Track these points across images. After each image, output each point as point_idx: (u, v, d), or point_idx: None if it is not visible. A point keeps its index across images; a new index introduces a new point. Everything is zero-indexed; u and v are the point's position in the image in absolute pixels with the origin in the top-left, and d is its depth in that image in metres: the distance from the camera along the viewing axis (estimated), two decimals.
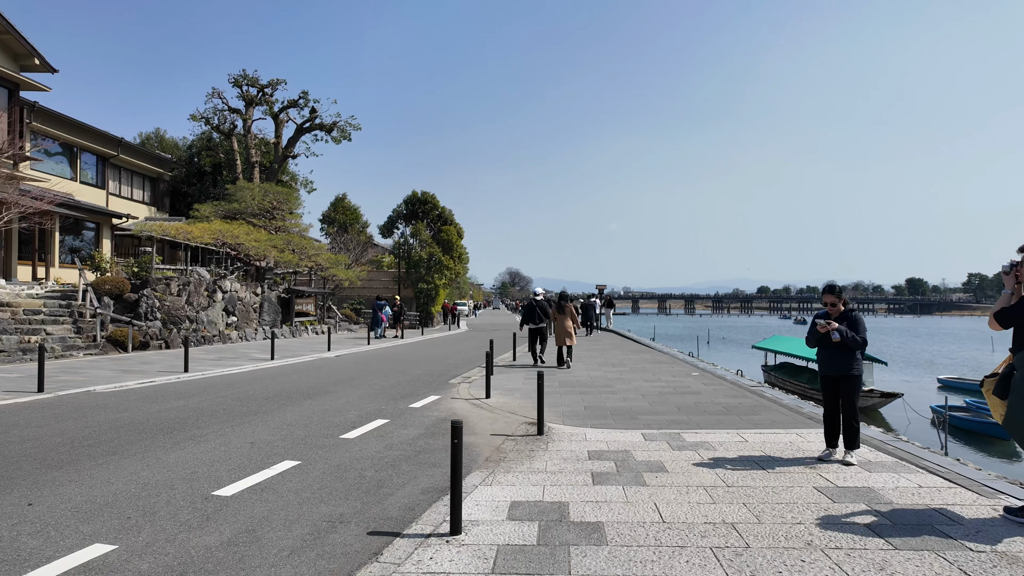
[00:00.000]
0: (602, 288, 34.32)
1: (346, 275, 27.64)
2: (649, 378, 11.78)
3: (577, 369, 13.31)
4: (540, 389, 7.03)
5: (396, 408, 8.57)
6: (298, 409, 8.38)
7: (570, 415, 8.11)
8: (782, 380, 22.24)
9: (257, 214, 27.01)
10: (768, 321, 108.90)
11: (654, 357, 16.27)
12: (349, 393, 9.86)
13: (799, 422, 7.60)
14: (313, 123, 33.55)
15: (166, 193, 32.41)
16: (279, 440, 6.53)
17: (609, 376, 12.11)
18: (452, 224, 36.33)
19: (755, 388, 10.42)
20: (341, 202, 38.99)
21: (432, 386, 10.87)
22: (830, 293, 5.78)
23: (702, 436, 6.81)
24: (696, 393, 9.91)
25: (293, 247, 25.93)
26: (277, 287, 25.37)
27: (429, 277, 34.92)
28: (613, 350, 18.68)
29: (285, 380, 11.35)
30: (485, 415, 8.15)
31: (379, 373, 12.68)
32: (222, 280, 21.33)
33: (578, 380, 11.48)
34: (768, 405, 8.79)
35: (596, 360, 15.34)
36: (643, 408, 8.56)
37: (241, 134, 33.60)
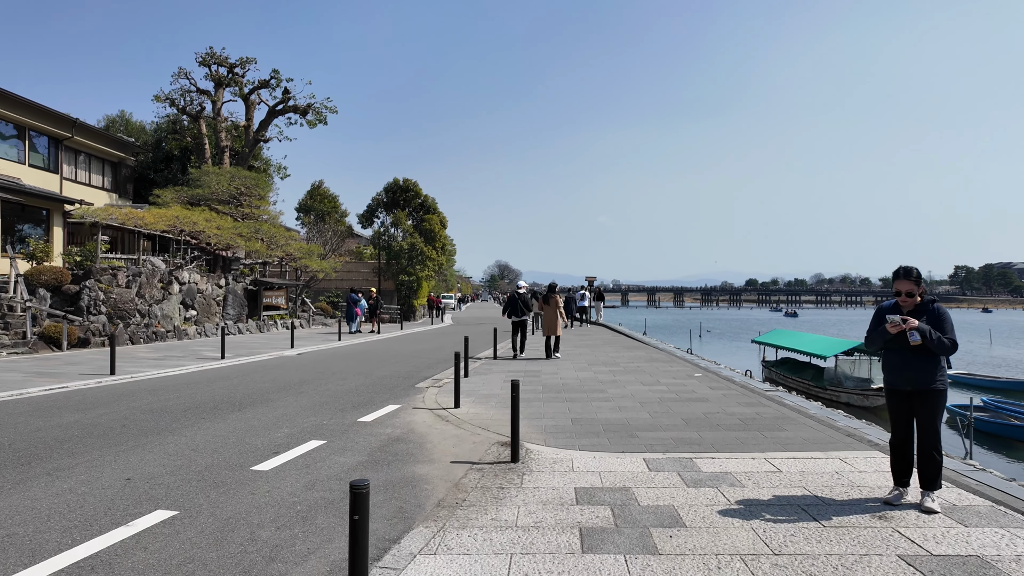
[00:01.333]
0: (591, 280, 32.82)
1: (320, 266, 25.89)
2: (646, 380, 10.29)
3: (565, 369, 11.80)
4: (515, 401, 5.49)
5: (341, 423, 6.99)
6: (217, 426, 6.78)
7: (554, 431, 6.58)
8: (784, 377, 20.88)
9: (223, 200, 25.21)
10: (757, 314, 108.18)
11: (649, 354, 14.80)
12: (291, 402, 8.26)
13: (837, 441, 6.12)
14: (286, 105, 31.64)
15: (129, 179, 30.43)
16: (167, 475, 4.94)
17: (601, 378, 10.60)
18: (435, 213, 34.63)
19: (772, 394, 8.95)
20: (318, 190, 37.05)
21: (395, 392, 9.30)
22: (906, 279, 4.23)
23: (721, 463, 5.30)
24: (703, 400, 8.41)
25: (262, 236, 24.17)
26: (244, 279, 23.62)
27: (411, 269, 33.26)
28: (604, 346, 17.20)
29: (222, 385, 9.73)
30: (449, 432, 6.60)
31: (338, 375, 11.09)
32: (179, 271, 19.57)
33: (565, 383, 9.96)
34: (792, 417, 7.31)
35: (586, 358, 13.84)
36: (643, 421, 7.05)
37: (210, 117, 31.65)
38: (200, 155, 30.82)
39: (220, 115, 31.48)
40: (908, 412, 4.25)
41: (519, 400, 5.56)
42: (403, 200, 34.13)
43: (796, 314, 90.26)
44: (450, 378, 10.61)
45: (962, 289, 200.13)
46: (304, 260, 25.38)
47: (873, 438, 6.20)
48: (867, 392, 17.30)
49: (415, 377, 10.93)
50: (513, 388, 5.53)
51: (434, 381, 10.38)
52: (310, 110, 32.02)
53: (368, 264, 35.04)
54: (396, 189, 34.11)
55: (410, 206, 34.40)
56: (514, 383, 5.54)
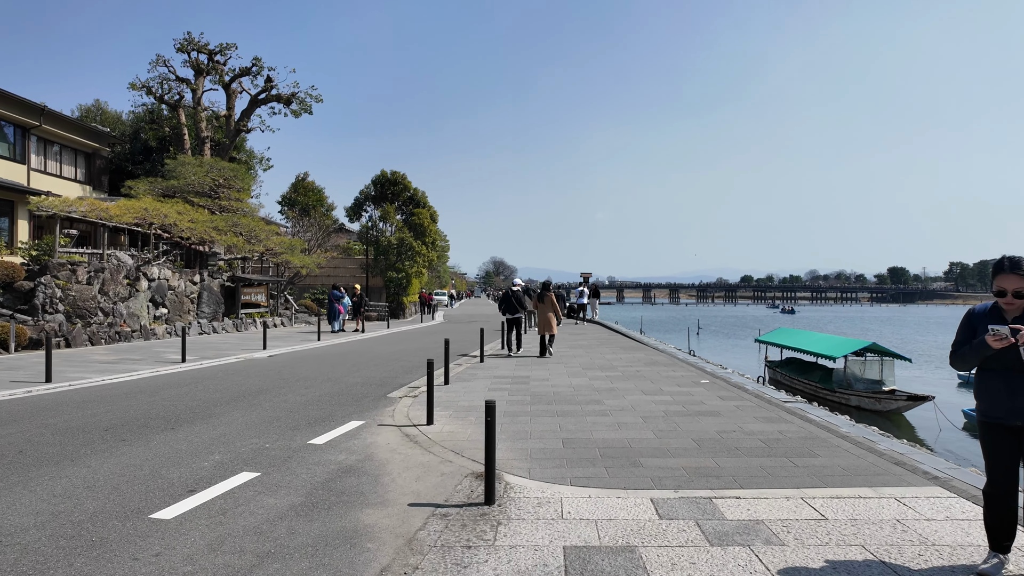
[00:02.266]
0: (587, 276, 31.72)
1: (302, 261, 24.69)
2: (648, 388, 9.19)
3: (557, 375, 10.70)
4: (490, 429, 4.38)
5: (287, 446, 5.87)
6: (136, 451, 5.64)
7: (541, 456, 5.48)
8: (789, 378, 19.84)
9: (201, 193, 23.99)
10: (753, 311, 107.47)
11: (649, 356, 13.71)
12: (236, 418, 7.12)
13: (884, 471, 5.03)
14: (269, 94, 30.39)
15: (105, 171, 29.14)
16: (33, 528, 3.80)
17: (597, 385, 9.50)
18: (425, 207, 33.42)
19: (792, 406, 7.85)
20: (303, 182, 35.69)
21: (362, 403, 8.17)
22: (1013, 272, 3.08)
23: (749, 506, 4.21)
24: (715, 414, 7.32)
25: (240, 230, 22.96)
26: (221, 275, 22.42)
27: (400, 264, 32.08)
28: (600, 347, 16.10)
29: (168, 396, 8.58)
30: (416, 459, 5.49)
31: (303, 382, 9.95)
32: (147, 266, 18.37)
33: (557, 393, 8.85)
34: (822, 437, 6.22)
35: (580, 361, 12.74)
36: (647, 443, 5.95)
37: (190, 106, 30.39)
38: (179, 146, 29.55)
39: (200, 104, 30.23)
40: (1014, 453, 3.15)
41: (495, 424, 4.45)
42: (391, 194, 32.91)
43: (793, 311, 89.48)
44: None
45: (957, 285, 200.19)
46: (285, 255, 24.18)
47: (927, 467, 5.11)
48: (879, 395, 16.28)
49: (389, 384, 9.80)
50: (488, 412, 4.40)
51: (410, 389, 9.26)
52: (294, 99, 30.79)
53: (356, 260, 33.83)
54: (384, 182, 32.88)
55: (399, 200, 33.19)
56: (488, 405, 4.41)
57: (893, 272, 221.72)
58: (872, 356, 17.44)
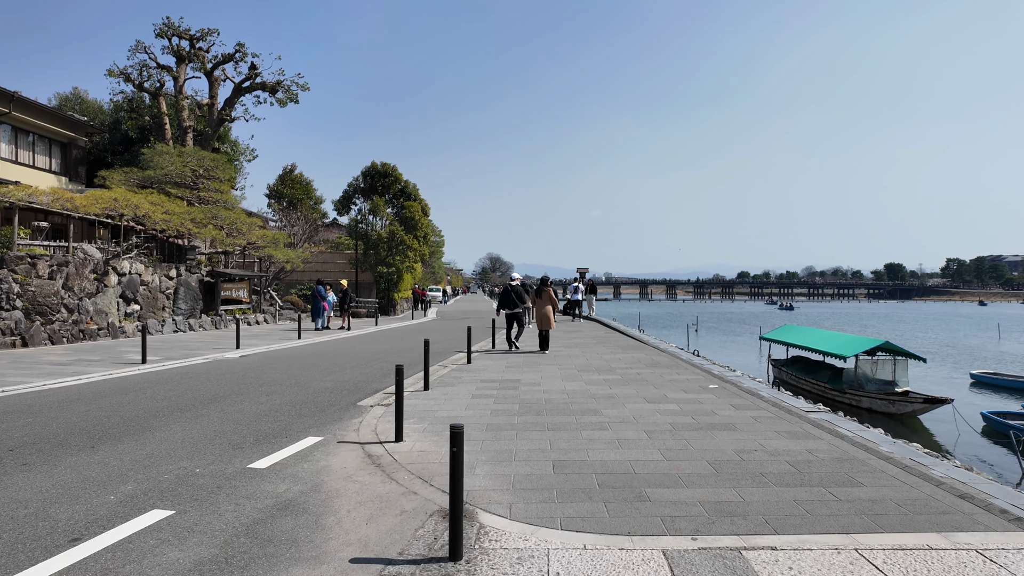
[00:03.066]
0: (583, 272, 30.72)
1: (285, 255, 23.63)
2: (651, 395, 8.22)
3: (550, 379, 9.73)
4: (456, 462, 3.39)
5: (221, 471, 4.88)
6: (34, 479, 4.64)
7: (527, 486, 4.50)
8: (796, 378, 18.92)
9: (179, 183, 22.91)
10: (751, 307, 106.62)
11: (650, 357, 12.74)
12: (174, 433, 6.12)
13: (949, 508, 4.07)
14: (253, 82, 29.25)
15: (82, 161, 27.98)
16: None
17: (594, 391, 8.53)
18: (416, 199, 32.36)
19: (817, 416, 6.89)
20: (290, 174, 34.57)
21: (326, 413, 7.19)
22: None
23: (791, 561, 3.25)
24: (730, 427, 6.35)
25: (221, 222, 21.90)
26: (199, 269, 21.36)
27: (391, 259, 31.04)
28: (597, 346, 15.14)
29: (104, 404, 7.57)
30: (372, 490, 4.50)
31: (267, 387, 8.95)
32: (117, 260, 17.31)
33: (549, 400, 7.88)
34: (861, 458, 5.26)
35: (576, 362, 11.77)
36: (654, 467, 4.99)
37: (171, 95, 29.26)
38: (160, 136, 28.43)
39: (183, 93, 29.08)
40: None
41: (462, 456, 3.47)
42: (381, 186, 31.83)
43: (792, 307, 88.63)
44: (406, 390, 8.51)
45: (954, 282, 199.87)
46: (268, 249, 23.12)
47: (1002, 503, 4.16)
48: (892, 397, 15.37)
49: (363, 390, 8.80)
50: (453, 440, 3.41)
51: (385, 396, 8.27)
52: (279, 87, 29.66)
53: (345, 254, 32.77)
54: (374, 174, 31.80)
55: (389, 192, 32.11)
56: (455, 432, 3.43)
57: (890, 268, 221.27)
58: (884, 355, 16.54)
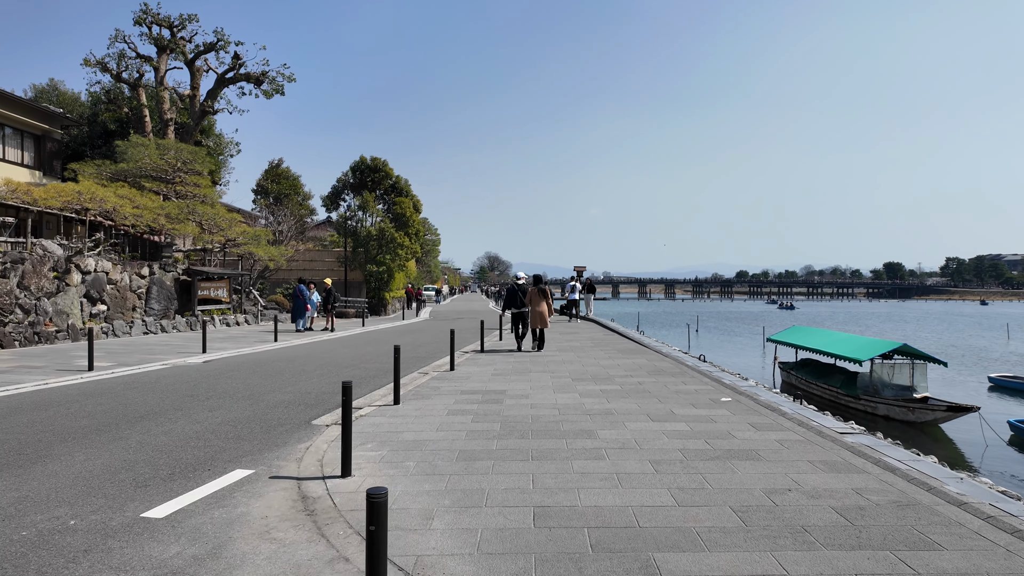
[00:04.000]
0: (581, 270, 29.55)
1: (267, 253, 22.47)
2: (655, 411, 7.10)
3: (539, 390, 8.61)
4: (376, 552, 2.27)
5: (103, 523, 3.75)
6: None
7: (496, 549, 3.38)
8: (806, 382, 17.82)
9: (155, 177, 21.76)
10: (750, 306, 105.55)
11: (652, 362, 11.63)
12: (73, 463, 4.99)
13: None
14: (237, 72, 28.08)
15: (58, 155, 26.81)
16: None
17: (589, 405, 7.41)
18: (408, 195, 31.22)
19: (855, 440, 5.77)
20: (276, 169, 33.37)
21: (271, 436, 6.06)
22: None
23: None
24: (753, 455, 5.23)
25: (198, 218, 20.76)
26: (175, 268, 20.22)
27: (381, 257, 29.89)
28: (594, 349, 14.02)
29: (9, 424, 6.44)
30: (290, 554, 3.38)
31: (214, 401, 7.82)
32: (80, 257, 16.17)
33: (536, 417, 6.76)
34: (926, 502, 4.14)
35: (570, 369, 10.65)
36: (664, 517, 3.87)
37: (152, 86, 28.12)
38: (140, 129, 27.28)
39: (164, 84, 27.93)
40: None
41: (384, 550, 2.35)
42: (371, 181, 30.68)
43: (793, 307, 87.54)
44: (374, 404, 7.40)
45: (953, 281, 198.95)
46: (248, 246, 21.97)
47: None
48: (911, 404, 14.28)
49: (324, 404, 7.68)
50: (371, 525, 2.29)
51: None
52: (265, 78, 28.50)
53: (334, 252, 31.62)
54: (364, 169, 30.64)
55: (380, 188, 30.96)
56: (374, 503, 2.30)
57: (889, 267, 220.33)
58: (901, 359, 15.45)
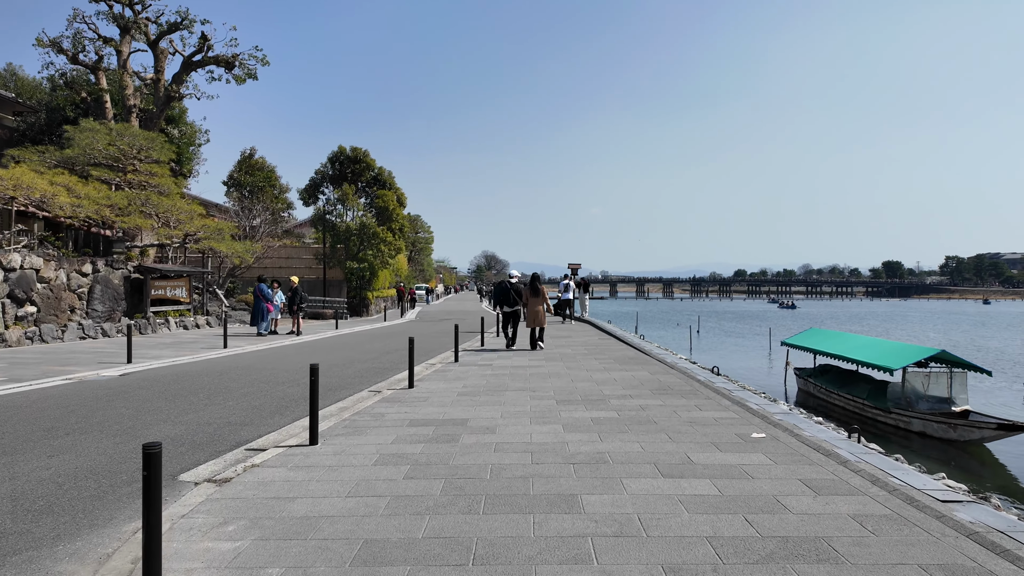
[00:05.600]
0: (575, 268, 27.64)
1: (230, 248, 20.49)
2: (665, 456, 5.17)
3: (512, 417, 6.70)
4: None
5: None
6: None
7: None
8: (826, 391, 15.94)
9: (108, 165, 19.79)
10: (749, 305, 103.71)
11: (656, 376, 9.71)
12: None
13: None
14: (206, 55, 26.06)
15: (9, 143, 24.84)
16: None
17: (574, 445, 5.48)
18: (391, 188, 29.26)
19: (966, 517, 3.85)
20: (249, 160, 31.26)
21: (101, 502, 4.14)
22: None
23: None
24: (826, 554, 3.31)
25: (152, 209, 18.80)
26: (125, 264, 18.25)
27: (363, 254, 27.93)
28: (587, 358, 12.10)
29: None
30: None
31: (75, 435, 5.89)
32: (2, 253, 14.21)
33: (500, 468, 4.83)
34: None
35: (556, 385, 8.73)
36: None
37: (115, 70, 26.10)
38: (101, 115, 25.24)
39: (127, 68, 25.90)
40: None
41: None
42: (351, 173, 28.70)
43: (794, 306, 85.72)
44: (284, 443, 5.48)
45: (953, 279, 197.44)
46: (210, 241, 19.99)
47: None
48: (954, 421, 12.41)
49: (221, 441, 5.75)
50: None
51: (245, 455, 5.23)
52: (236, 62, 26.48)
53: (312, 249, 29.65)
54: (343, 159, 28.66)
55: (361, 180, 28.99)
56: None
57: (888, 266, 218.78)
58: (937, 367, 13.60)
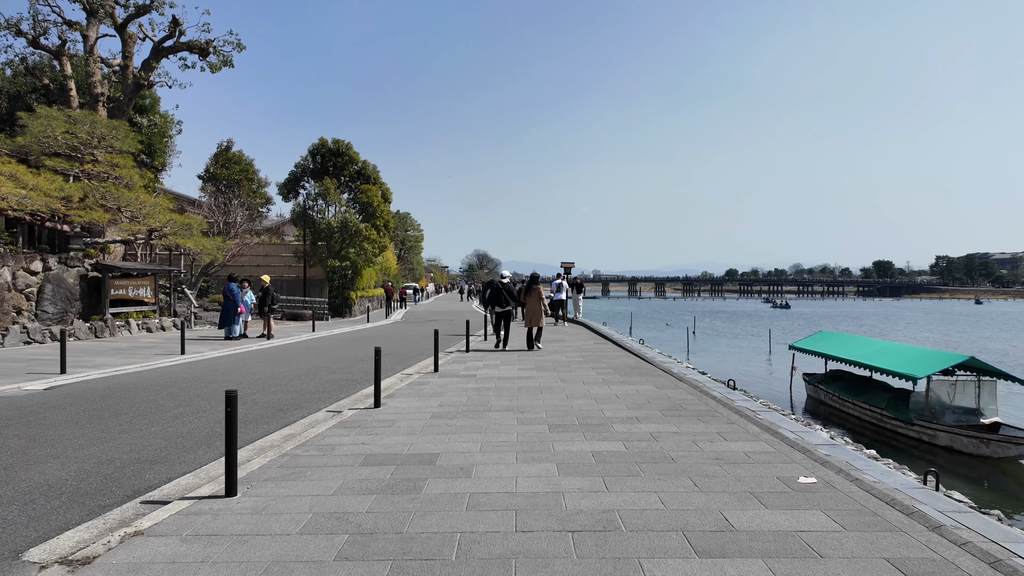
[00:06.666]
0: (568, 266, 26.39)
1: (198, 245, 19.07)
2: (697, 517, 3.90)
3: (497, 447, 5.42)
4: None
5: None
6: None
7: None
8: (840, 399, 14.75)
9: (63, 155, 18.34)
10: (742, 305, 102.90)
11: (664, 392, 8.46)
12: None
13: None
14: (178, 41, 24.61)
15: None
16: None
17: (572, 498, 4.20)
18: (376, 183, 27.90)
19: None
20: (227, 153, 29.69)
21: None
22: None
23: None
24: None
25: (112, 203, 17.37)
26: (81, 262, 16.83)
27: (345, 252, 26.56)
28: (583, 367, 10.83)
29: None
30: None
31: None
32: None
33: (472, 541, 3.54)
34: None
35: (547, 405, 7.45)
36: None
37: (81, 56, 24.59)
38: (66, 103, 23.74)
39: (94, 53, 24.40)
40: None
41: None
42: (333, 167, 27.31)
43: (788, 305, 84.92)
44: (193, 492, 4.16)
45: (943, 279, 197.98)
46: (176, 237, 18.57)
47: None
48: (985, 435, 11.25)
49: (115, 489, 4.44)
50: None
51: (131, 515, 3.91)
52: (211, 48, 25.03)
53: (291, 246, 28.23)
54: (324, 152, 27.27)
55: (344, 174, 27.60)
56: None
57: (879, 266, 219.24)
58: (964, 374, 12.45)
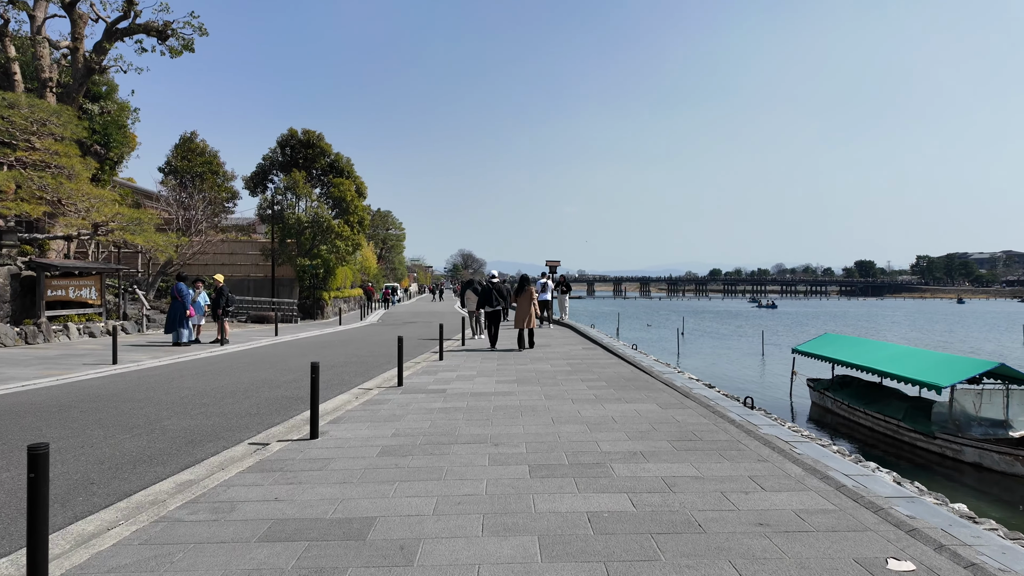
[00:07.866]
0: (554, 266, 25.04)
1: (148, 241, 17.36)
2: None
3: (456, 509, 4.00)
4: None
5: None
6: None
7: None
8: (849, 408, 13.52)
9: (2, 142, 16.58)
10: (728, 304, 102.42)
11: (670, 414, 7.10)
12: None
13: None
14: (133, 23, 22.84)
15: None
16: None
17: None
18: (350, 177, 26.31)
19: None
20: (189, 143, 27.79)
21: None
22: None
23: None
24: None
25: (50, 195, 15.67)
26: (12, 260, 15.11)
27: (316, 249, 24.95)
28: (571, 379, 9.44)
29: None
30: None
31: None
32: None
33: None
34: None
35: (528, 431, 6.06)
36: None
37: (27, 37, 22.73)
38: (9, 88, 21.86)
39: (42, 34, 22.55)
40: None
41: None
42: (304, 159, 25.68)
43: (775, 305, 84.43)
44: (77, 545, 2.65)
45: (924, 279, 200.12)
46: (123, 233, 16.89)
47: None
48: (1016, 451, 10.06)
49: None
50: None
51: None
52: (170, 31, 23.29)
53: (259, 244, 26.55)
54: (294, 144, 25.62)
55: (315, 167, 25.97)
56: None
57: (861, 265, 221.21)
58: (991, 383, 11.30)
